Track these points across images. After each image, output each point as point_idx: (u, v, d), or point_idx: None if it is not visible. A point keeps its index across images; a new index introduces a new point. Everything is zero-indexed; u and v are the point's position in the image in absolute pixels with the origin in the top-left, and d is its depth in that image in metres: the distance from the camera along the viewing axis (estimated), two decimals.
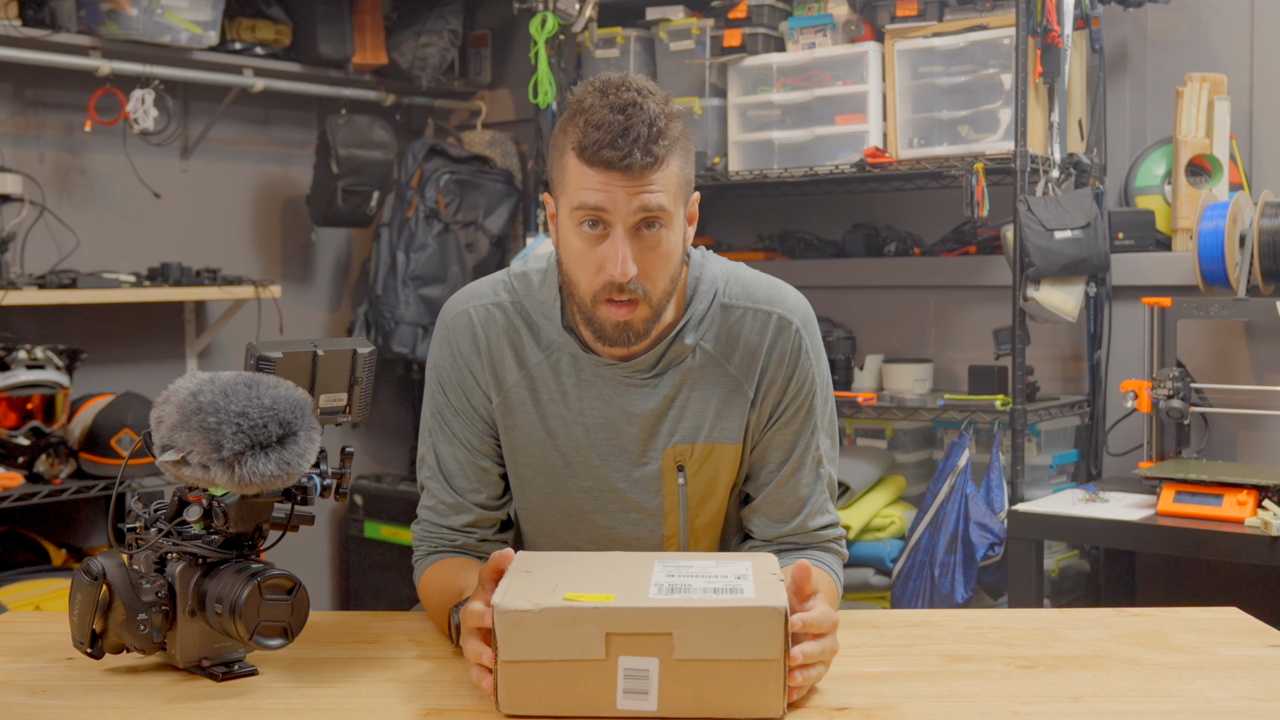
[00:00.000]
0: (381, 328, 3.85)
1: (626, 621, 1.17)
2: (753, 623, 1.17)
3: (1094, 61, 3.04)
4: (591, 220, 1.45)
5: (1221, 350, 2.97)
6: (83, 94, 3.33)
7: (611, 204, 1.43)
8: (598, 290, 1.47)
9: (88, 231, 3.42)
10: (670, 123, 1.45)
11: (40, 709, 1.26)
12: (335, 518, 4.11)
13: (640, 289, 1.46)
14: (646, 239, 1.46)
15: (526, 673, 1.19)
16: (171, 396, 1.27)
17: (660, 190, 1.44)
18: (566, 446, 1.59)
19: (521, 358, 1.59)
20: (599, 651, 1.17)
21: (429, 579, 1.61)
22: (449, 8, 3.96)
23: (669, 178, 1.45)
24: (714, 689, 1.18)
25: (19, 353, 2.97)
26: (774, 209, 3.64)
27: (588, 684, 1.18)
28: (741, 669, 1.18)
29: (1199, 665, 1.38)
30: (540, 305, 1.58)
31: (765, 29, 3.13)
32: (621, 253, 1.44)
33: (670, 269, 1.49)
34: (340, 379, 1.40)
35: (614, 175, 1.42)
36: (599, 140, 1.42)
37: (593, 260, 1.46)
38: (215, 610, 1.29)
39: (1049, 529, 2.62)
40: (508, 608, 1.18)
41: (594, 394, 1.57)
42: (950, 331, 3.37)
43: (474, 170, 3.98)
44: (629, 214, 1.44)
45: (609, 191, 1.43)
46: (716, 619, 1.17)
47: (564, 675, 1.18)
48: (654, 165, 1.43)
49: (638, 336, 1.50)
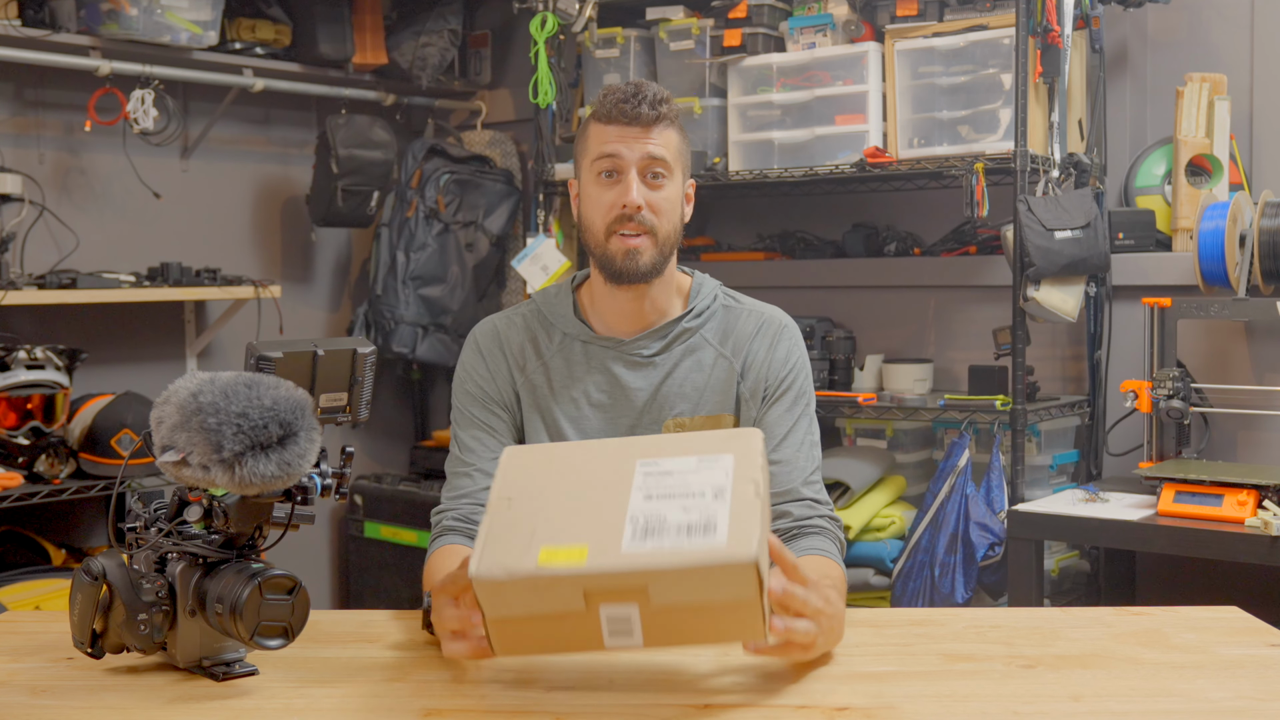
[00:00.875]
0: (381, 328, 3.85)
1: (601, 582, 1.19)
2: (724, 576, 1.18)
3: (1094, 61, 3.04)
4: (609, 170, 1.71)
5: (1221, 350, 2.97)
6: (83, 94, 3.33)
7: (625, 149, 1.70)
8: (611, 223, 1.71)
9: (88, 231, 3.42)
10: (671, 100, 1.74)
11: (40, 709, 1.26)
12: (335, 518, 4.11)
13: (649, 222, 1.70)
14: (652, 185, 1.72)
15: (515, 625, 1.21)
16: (171, 397, 1.27)
17: (664, 146, 1.71)
18: (576, 414, 1.76)
19: (539, 350, 1.79)
20: (579, 605, 1.19)
21: (432, 563, 1.66)
22: (449, 8, 3.96)
23: (670, 141, 1.73)
24: (695, 624, 1.21)
25: (19, 353, 2.97)
26: (774, 209, 3.64)
27: (574, 629, 1.20)
28: (719, 609, 1.20)
29: (1199, 665, 1.38)
30: (555, 306, 1.81)
31: (765, 29, 3.13)
32: (634, 187, 1.70)
33: (672, 217, 1.74)
34: (340, 379, 1.41)
35: (627, 127, 1.70)
36: (615, 99, 1.71)
37: (608, 199, 1.71)
38: (215, 610, 1.29)
39: (1049, 529, 2.62)
40: (484, 578, 1.19)
41: (601, 371, 1.77)
42: (950, 331, 3.37)
43: (474, 170, 3.98)
44: (639, 159, 1.70)
45: (623, 140, 1.70)
46: (687, 577, 1.18)
47: (550, 624, 1.21)
48: (658, 120, 1.71)
49: (644, 266, 1.71)
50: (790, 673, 1.36)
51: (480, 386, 1.79)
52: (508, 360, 1.79)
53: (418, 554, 3.77)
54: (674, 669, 1.37)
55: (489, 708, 1.25)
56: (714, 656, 1.42)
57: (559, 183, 3.45)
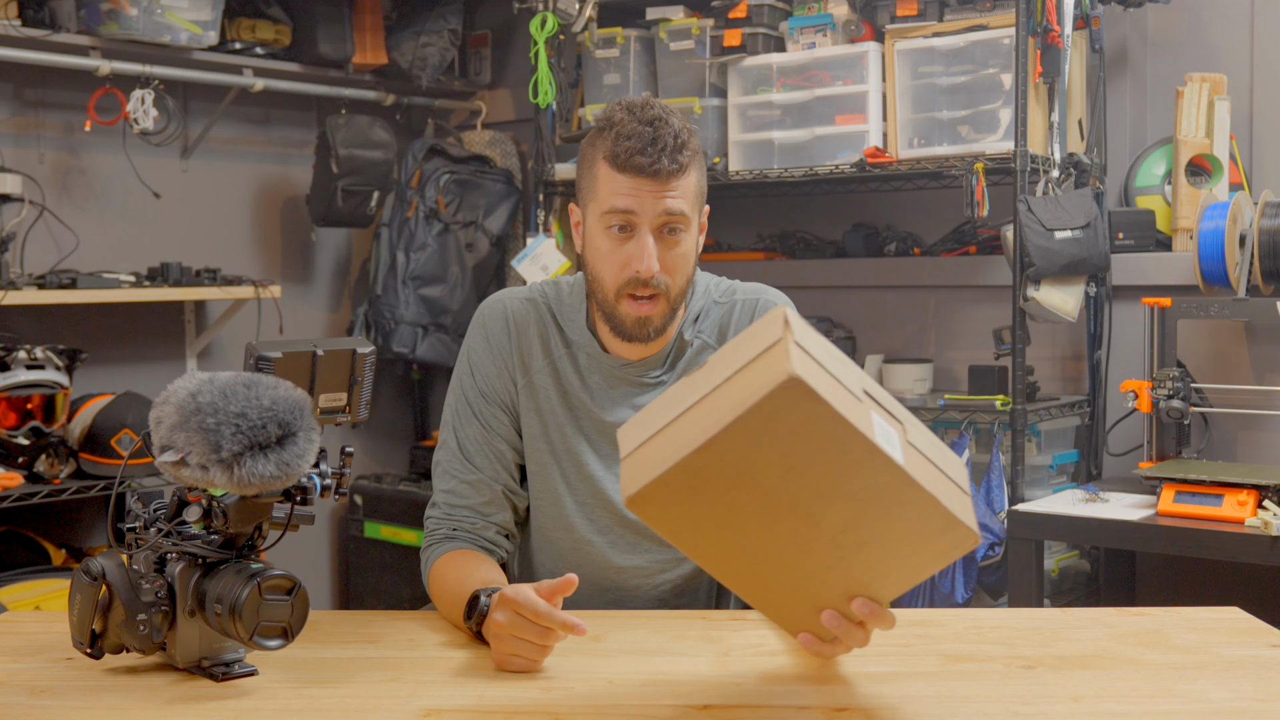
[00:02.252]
0: (381, 328, 3.85)
1: (875, 388, 1.22)
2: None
3: (1094, 61, 3.04)
4: (621, 224, 1.60)
5: (1221, 350, 2.97)
6: (83, 94, 3.32)
7: (639, 206, 1.58)
8: (621, 286, 1.61)
9: (88, 231, 3.42)
10: (691, 138, 1.61)
11: (40, 709, 1.25)
12: (335, 518, 4.11)
13: (663, 284, 1.61)
14: (668, 241, 1.61)
15: (814, 365, 1.15)
16: (170, 397, 1.27)
17: (681, 197, 1.59)
18: (585, 426, 1.71)
19: (547, 348, 1.72)
20: (860, 395, 1.18)
21: (443, 565, 1.63)
22: (449, 8, 3.96)
23: (689, 186, 1.61)
24: (937, 483, 1.19)
25: (19, 353, 2.97)
26: (774, 209, 3.64)
27: (854, 406, 1.16)
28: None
29: (1200, 665, 1.38)
30: (566, 308, 1.73)
31: (765, 29, 3.13)
32: (648, 250, 1.58)
33: (687, 270, 1.65)
34: (340, 379, 1.40)
35: (643, 180, 1.57)
36: (630, 148, 1.57)
37: (619, 259, 1.61)
38: (215, 610, 1.29)
39: (1049, 529, 2.62)
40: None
41: (609, 390, 1.70)
42: (950, 331, 3.37)
43: (474, 170, 3.98)
44: (655, 216, 1.58)
45: (637, 196, 1.58)
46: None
47: (838, 388, 1.15)
48: (678, 172, 1.58)
49: (655, 331, 1.64)
50: (790, 673, 1.36)
51: (488, 383, 1.72)
52: (514, 354, 1.72)
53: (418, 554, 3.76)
54: (674, 669, 1.37)
55: (488, 708, 1.25)
56: (714, 656, 1.42)
57: (559, 183, 3.45)
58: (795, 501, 1.17)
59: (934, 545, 1.20)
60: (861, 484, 1.16)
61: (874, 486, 1.16)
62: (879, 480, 1.16)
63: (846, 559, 1.21)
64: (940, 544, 1.20)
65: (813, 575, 1.23)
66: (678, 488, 1.16)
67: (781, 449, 1.14)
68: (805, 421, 1.12)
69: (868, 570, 1.22)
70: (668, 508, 1.18)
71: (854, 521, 1.19)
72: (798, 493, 1.17)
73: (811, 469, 1.15)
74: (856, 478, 1.16)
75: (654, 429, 1.22)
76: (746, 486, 1.16)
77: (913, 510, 1.17)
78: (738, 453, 1.14)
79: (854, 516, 1.18)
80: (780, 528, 1.19)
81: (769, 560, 1.23)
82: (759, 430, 1.12)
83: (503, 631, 1.36)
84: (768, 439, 1.13)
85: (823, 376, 1.14)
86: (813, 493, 1.17)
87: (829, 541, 1.20)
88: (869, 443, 1.13)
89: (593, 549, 1.72)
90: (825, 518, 1.18)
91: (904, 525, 1.19)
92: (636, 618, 1.62)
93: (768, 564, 1.23)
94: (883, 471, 1.15)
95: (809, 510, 1.18)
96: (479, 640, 1.46)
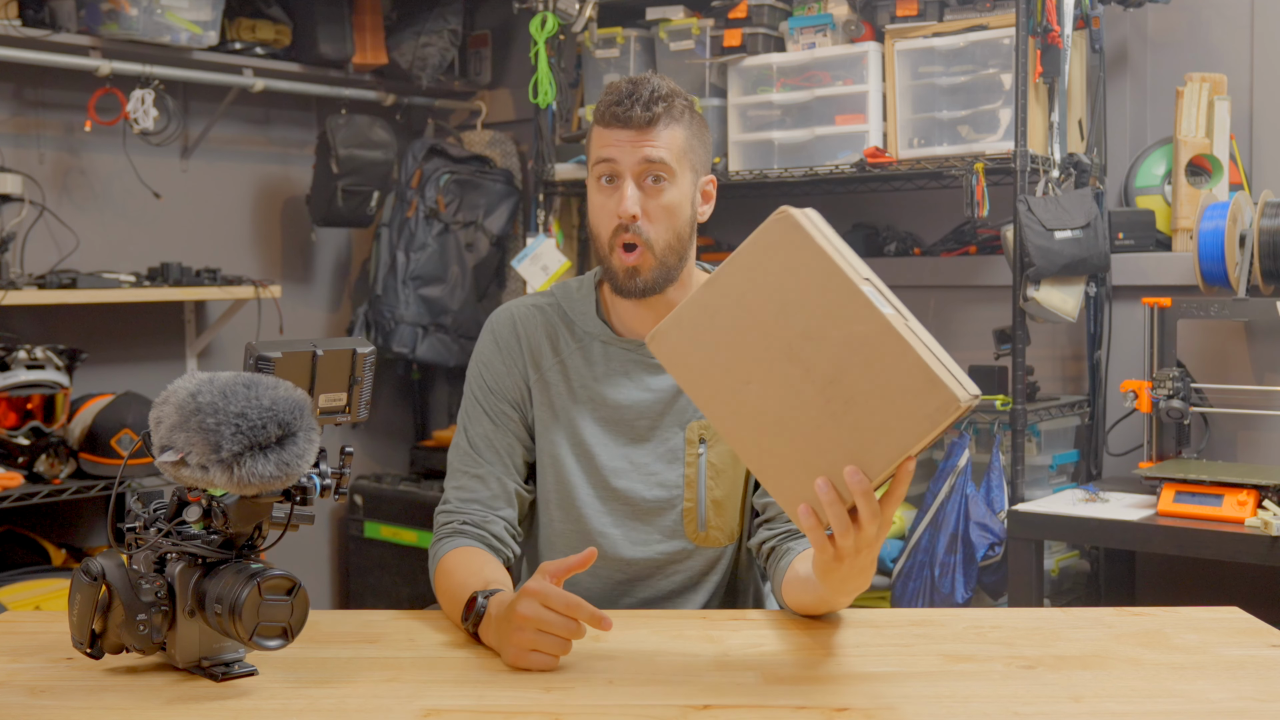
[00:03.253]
0: (381, 328, 3.85)
1: (884, 289, 1.30)
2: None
3: (1094, 61, 3.04)
4: (607, 175, 1.67)
5: (1221, 350, 2.97)
6: (83, 94, 3.33)
7: (620, 155, 1.65)
8: (610, 236, 1.67)
9: (88, 231, 3.42)
10: (676, 98, 1.67)
11: (40, 709, 1.25)
12: (335, 518, 4.11)
13: (644, 234, 1.66)
14: (650, 190, 1.66)
15: (818, 232, 1.31)
16: (170, 397, 1.27)
17: (662, 147, 1.65)
18: (597, 415, 1.74)
19: (556, 347, 1.77)
20: (861, 274, 1.28)
21: (448, 563, 1.63)
22: (449, 8, 3.96)
23: (673, 139, 1.66)
24: (925, 349, 1.25)
25: (19, 353, 2.97)
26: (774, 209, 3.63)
27: (847, 267, 1.27)
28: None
29: (1200, 665, 1.38)
30: (577, 303, 1.78)
31: (765, 29, 3.13)
32: (628, 195, 1.65)
33: (674, 223, 1.68)
34: (340, 379, 1.40)
35: (621, 130, 1.65)
36: (609, 101, 1.66)
37: (608, 209, 1.67)
38: (215, 610, 1.29)
39: (1049, 529, 2.62)
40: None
41: (621, 374, 1.74)
42: (950, 331, 3.37)
43: (474, 170, 3.98)
44: (635, 164, 1.65)
45: (619, 145, 1.65)
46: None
47: (836, 255, 1.28)
48: (652, 121, 1.64)
49: (644, 285, 1.68)
50: (790, 673, 1.36)
51: (497, 381, 1.75)
52: (524, 354, 1.76)
53: (418, 554, 3.77)
54: (674, 669, 1.37)
55: (488, 708, 1.25)
56: (714, 656, 1.42)
57: (559, 183, 3.45)
58: (788, 344, 1.27)
59: (917, 406, 1.23)
60: (846, 330, 1.25)
61: (858, 335, 1.24)
62: (861, 327, 1.24)
63: (836, 416, 1.26)
64: (923, 405, 1.23)
65: (808, 436, 1.28)
66: (688, 325, 1.32)
67: (775, 284, 1.27)
68: (795, 256, 1.27)
69: (857, 433, 1.26)
70: (680, 347, 1.33)
71: (841, 371, 1.25)
72: (790, 334, 1.27)
73: (802, 309, 1.26)
74: (842, 322, 1.25)
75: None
76: (746, 325, 1.29)
77: (895, 365, 1.23)
78: (739, 288, 1.29)
79: (841, 365, 1.25)
80: (775, 375, 1.28)
81: (768, 415, 1.30)
82: (755, 264, 1.29)
83: (526, 624, 1.35)
84: (762, 273, 1.28)
85: (820, 233, 1.29)
86: (803, 334, 1.26)
87: (819, 394, 1.27)
88: (853, 286, 1.25)
89: (604, 540, 1.73)
90: (815, 365, 1.26)
91: (886, 380, 1.24)
92: (636, 617, 1.62)
93: (767, 419, 1.30)
94: (866, 319, 1.24)
95: (800, 354, 1.27)
96: (477, 641, 1.46)
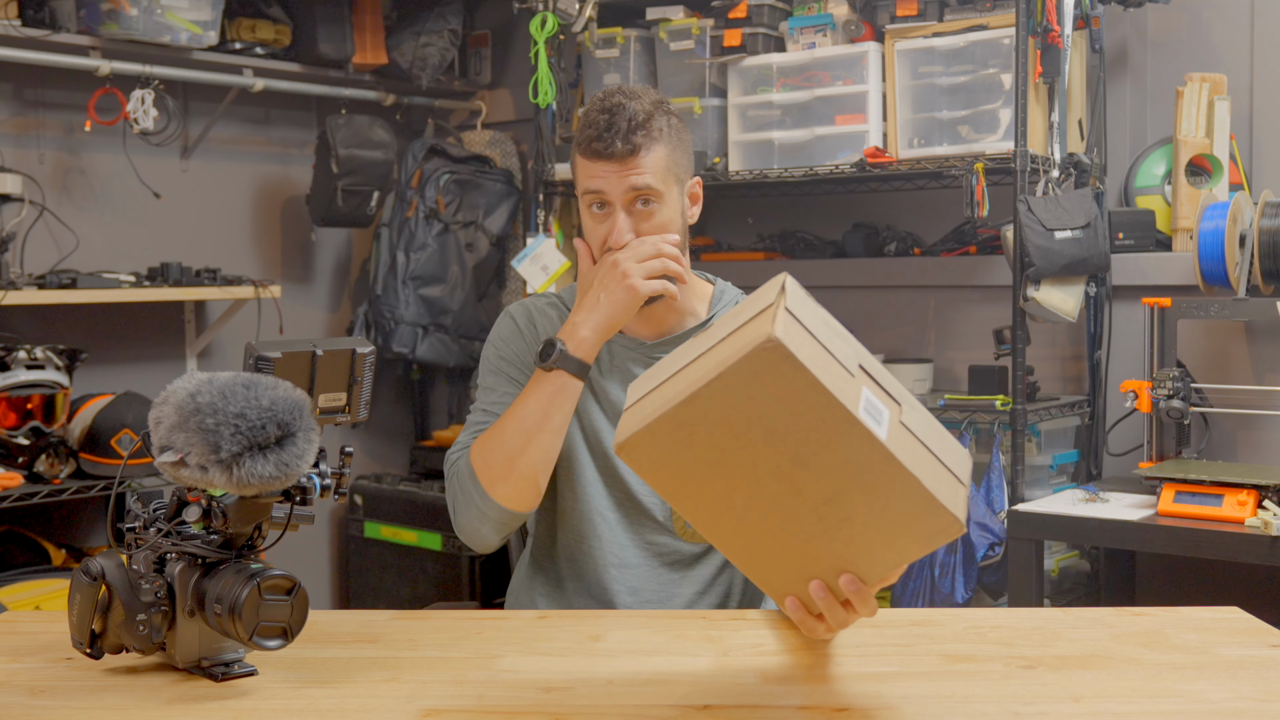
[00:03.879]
0: (381, 328, 3.85)
1: (875, 367, 1.22)
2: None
3: (1094, 61, 3.04)
4: (597, 203, 1.73)
5: (1221, 350, 2.97)
6: (83, 94, 3.33)
7: (607, 186, 1.71)
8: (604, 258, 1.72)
9: (88, 231, 3.42)
10: (653, 118, 1.72)
11: (39, 709, 1.25)
12: (335, 518, 4.11)
13: None
14: (640, 214, 1.72)
15: (802, 332, 1.15)
16: (170, 397, 1.27)
17: (646, 172, 1.70)
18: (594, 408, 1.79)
19: None
20: (853, 369, 1.18)
21: (476, 450, 1.71)
22: (449, 8, 3.96)
23: (655, 161, 1.71)
24: (925, 466, 1.18)
25: (19, 353, 2.97)
26: (774, 209, 3.64)
27: (840, 378, 1.16)
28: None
29: (1200, 665, 1.38)
30: None
31: (765, 29, 3.13)
32: (618, 225, 1.71)
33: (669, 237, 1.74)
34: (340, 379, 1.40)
35: (605, 163, 1.70)
36: (589, 136, 1.71)
37: (600, 235, 1.74)
38: (214, 611, 1.29)
39: (1049, 529, 2.62)
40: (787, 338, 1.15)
41: (621, 371, 1.80)
42: (950, 331, 3.37)
43: (474, 170, 3.98)
44: (622, 194, 1.71)
45: (604, 177, 1.71)
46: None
47: (826, 358, 1.16)
48: (634, 152, 1.69)
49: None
50: (790, 673, 1.36)
51: (515, 353, 1.81)
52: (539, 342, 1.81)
53: (418, 554, 3.77)
54: (674, 669, 1.37)
55: (488, 708, 1.25)
56: (714, 656, 1.42)
57: (559, 183, 3.45)
58: (778, 467, 1.17)
59: (917, 528, 1.19)
60: (842, 456, 1.15)
61: (855, 460, 1.15)
62: (859, 455, 1.15)
63: (830, 532, 1.21)
64: (923, 528, 1.19)
65: (798, 546, 1.23)
66: (663, 440, 1.18)
67: (762, 411, 1.14)
68: (785, 385, 1.12)
69: (852, 546, 1.22)
70: (654, 459, 1.20)
71: (836, 494, 1.18)
72: (779, 458, 1.17)
73: (792, 435, 1.15)
74: (837, 449, 1.15)
75: (654, 384, 1.24)
76: (730, 446, 1.17)
77: (895, 489, 1.16)
78: (720, 410, 1.15)
79: (836, 489, 1.18)
80: (764, 492, 1.19)
81: (755, 525, 1.23)
82: (740, 390, 1.14)
83: (614, 265, 1.65)
84: (748, 400, 1.14)
85: (810, 344, 1.14)
86: (794, 460, 1.16)
87: (812, 512, 1.20)
88: (848, 414, 1.13)
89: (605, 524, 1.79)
90: (808, 487, 1.18)
91: (886, 503, 1.18)
92: (636, 617, 1.62)
93: (754, 528, 1.23)
94: (863, 446, 1.14)
95: (791, 477, 1.18)
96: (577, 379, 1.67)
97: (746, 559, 1.28)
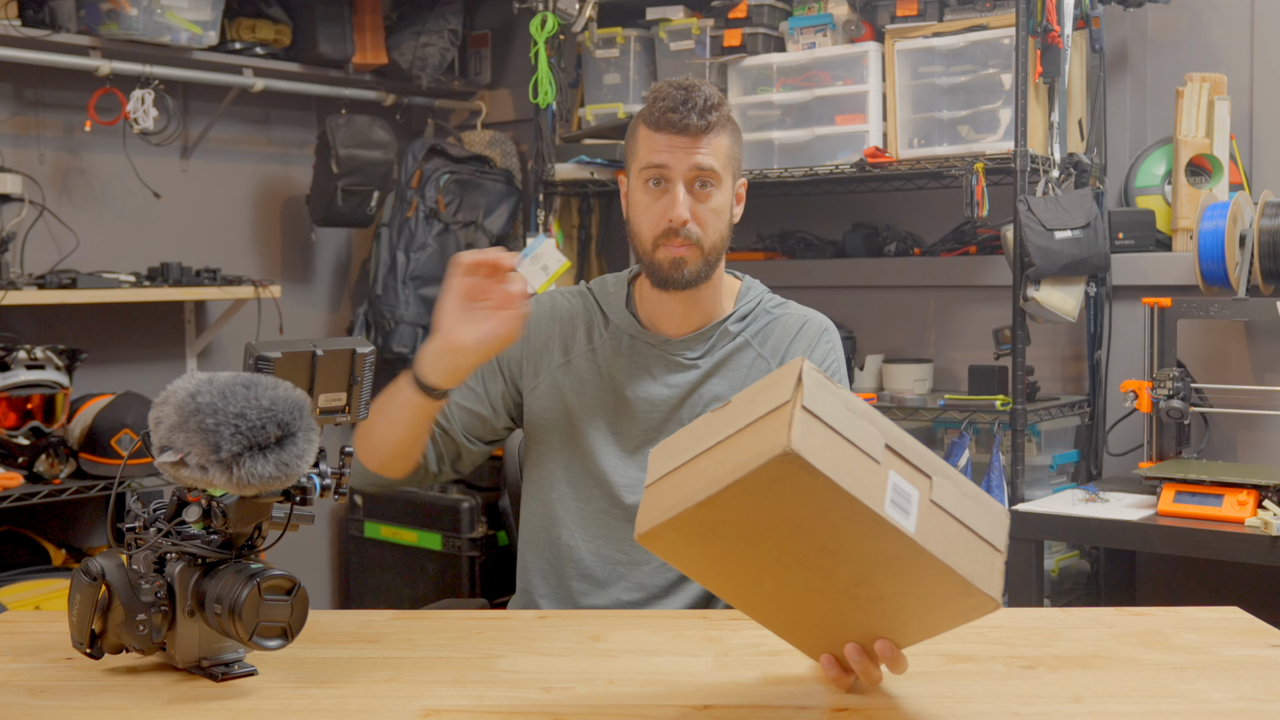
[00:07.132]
0: (381, 328, 3.85)
1: (903, 442, 1.18)
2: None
3: (1094, 61, 3.04)
4: (656, 178, 1.73)
5: (1221, 350, 2.97)
6: (83, 94, 3.32)
7: (672, 160, 1.71)
8: (659, 235, 1.73)
9: (88, 231, 3.42)
10: (723, 105, 1.74)
11: (39, 709, 1.25)
12: (335, 518, 4.11)
13: (695, 235, 1.72)
14: (699, 195, 1.73)
15: (821, 430, 1.12)
16: (170, 397, 1.27)
17: (712, 154, 1.72)
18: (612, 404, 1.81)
19: (590, 334, 1.85)
20: (878, 454, 1.15)
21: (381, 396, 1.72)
22: (449, 8, 3.96)
23: (720, 147, 1.73)
24: (958, 546, 1.17)
25: (19, 353, 2.97)
26: (774, 209, 3.64)
27: (864, 472, 1.14)
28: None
29: (1200, 665, 1.38)
30: (610, 296, 1.86)
31: (765, 29, 3.13)
32: (680, 200, 1.71)
33: (719, 226, 1.75)
34: (339, 379, 1.40)
35: (675, 136, 1.70)
36: (664, 107, 1.71)
37: (656, 211, 1.73)
38: (214, 611, 1.29)
39: (1049, 529, 2.62)
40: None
41: (642, 367, 1.81)
42: (950, 331, 3.37)
43: (474, 170, 3.97)
44: (686, 170, 1.71)
45: (670, 151, 1.71)
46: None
47: (848, 452, 1.14)
48: (707, 129, 1.70)
49: (690, 275, 1.74)
50: (790, 674, 1.36)
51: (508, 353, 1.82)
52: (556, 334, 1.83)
53: (418, 554, 3.77)
54: (674, 669, 1.37)
55: (488, 708, 1.25)
56: (714, 656, 1.42)
57: (559, 183, 3.45)
58: (804, 555, 1.17)
59: (951, 608, 1.20)
60: (870, 548, 1.15)
61: (884, 551, 1.15)
62: (888, 547, 1.15)
63: (863, 609, 1.21)
64: (957, 607, 1.20)
65: (831, 617, 1.24)
66: (685, 532, 1.18)
67: (785, 511, 1.14)
68: (806, 491, 1.11)
69: (885, 620, 1.23)
70: (678, 547, 1.21)
71: (867, 579, 1.18)
72: (806, 549, 1.17)
73: (818, 530, 1.15)
74: (865, 543, 1.15)
75: (676, 463, 1.22)
76: (754, 539, 1.17)
77: (926, 576, 1.17)
78: (741, 510, 1.14)
79: (866, 575, 1.18)
80: (792, 577, 1.20)
81: (786, 601, 1.24)
82: (759, 493, 1.13)
83: (452, 301, 1.66)
84: (770, 501, 1.13)
85: (829, 443, 1.12)
86: (821, 550, 1.16)
87: (843, 593, 1.20)
88: (874, 514, 1.12)
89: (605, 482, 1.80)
90: (836, 572, 1.18)
91: (918, 587, 1.18)
92: (636, 617, 1.62)
93: (784, 604, 1.25)
94: (891, 540, 1.14)
95: (820, 565, 1.18)
96: (426, 394, 1.67)
97: (779, 628, 1.30)
